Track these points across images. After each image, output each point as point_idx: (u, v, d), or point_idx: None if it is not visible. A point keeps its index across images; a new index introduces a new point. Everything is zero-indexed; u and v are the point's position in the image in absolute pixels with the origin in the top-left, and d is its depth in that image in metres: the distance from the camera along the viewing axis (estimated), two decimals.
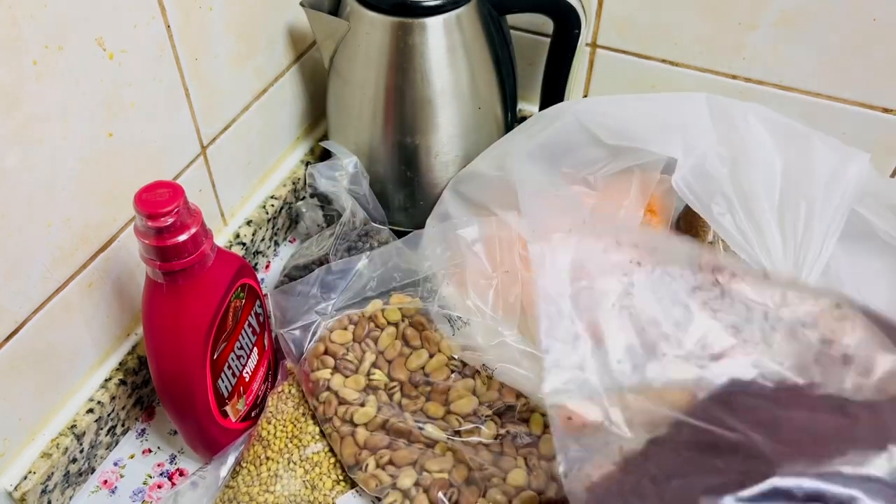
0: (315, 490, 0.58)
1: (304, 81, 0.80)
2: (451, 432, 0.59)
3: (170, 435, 0.66)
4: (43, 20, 0.48)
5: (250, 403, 0.62)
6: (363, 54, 0.69)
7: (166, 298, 0.53)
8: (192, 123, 0.65)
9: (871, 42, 0.68)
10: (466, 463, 0.57)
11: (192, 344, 0.54)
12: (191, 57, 0.62)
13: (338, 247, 0.69)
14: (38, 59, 0.49)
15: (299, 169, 0.81)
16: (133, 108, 0.58)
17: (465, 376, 0.62)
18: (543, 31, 0.80)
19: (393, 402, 0.61)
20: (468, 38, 0.69)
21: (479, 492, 0.56)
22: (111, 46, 0.54)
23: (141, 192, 0.49)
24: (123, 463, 0.64)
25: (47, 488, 0.58)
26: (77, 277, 0.57)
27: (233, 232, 0.74)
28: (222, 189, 0.72)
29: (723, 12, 0.72)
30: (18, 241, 0.51)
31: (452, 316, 0.63)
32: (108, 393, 0.62)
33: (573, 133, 0.66)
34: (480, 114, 0.73)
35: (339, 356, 0.63)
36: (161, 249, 0.50)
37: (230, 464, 0.60)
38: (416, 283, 0.66)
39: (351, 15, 0.68)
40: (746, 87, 0.75)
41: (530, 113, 0.75)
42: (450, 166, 0.74)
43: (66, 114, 0.52)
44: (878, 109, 0.71)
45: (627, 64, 0.79)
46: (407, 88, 0.69)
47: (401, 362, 0.63)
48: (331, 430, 0.60)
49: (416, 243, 0.68)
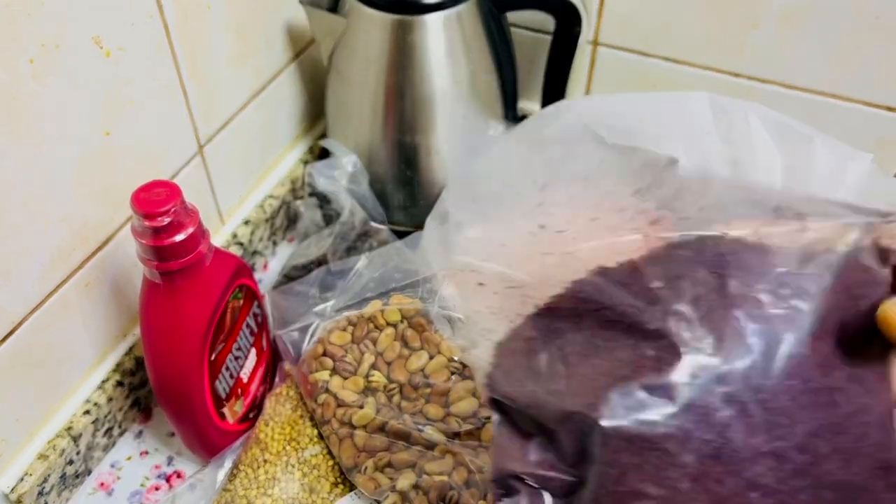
0: (313, 493, 0.57)
1: (303, 80, 0.80)
2: (450, 434, 0.59)
3: (167, 437, 0.65)
4: (40, 18, 0.48)
5: (248, 405, 0.62)
6: (362, 52, 0.69)
7: (164, 299, 0.53)
8: (189, 122, 0.65)
9: (873, 40, 0.68)
10: (466, 465, 0.57)
11: (190, 345, 0.54)
12: (189, 55, 0.62)
13: (337, 247, 0.69)
14: (35, 57, 0.48)
15: (298, 168, 0.81)
16: (130, 106, 0.57)
17: (466, 378, 0.62)
18: (544, 29, 0.79)
19: (392, 404, 0.61)
20: (468, 35, 0.68)
21: (480, 494, 0.55)
22: (108, 45, 0.54)
23: (138, 192, 0.49)
24: (120, 465, 0.64)
25: (44, 490, 0.57)
26: (74, 277, 0.57)
27: (230, 232, 0.73)
28: (220, 188, 0.71)
29: (725, 10, 0.71)
30: (15, 240, 0.51)
31: (452, 317, 0.62)
32: (105, 394, 0.61)
33: (574, 131, 0.65)
34: (481, 112, 0.72)
35: (337, 357, 0.62)
36: (158, 249, 0.49)
37: (228, 466, 0.60)
38: (416, 284, 0.66)
39: (350, 12, 0.68)
40: (749, 85, 0.75)
41: (531, 111, 0.74)
42: (450, 165, 0.73)
43: (63, 113, 0.52)
44: (882, 108, 0.71)
45: (629, 62, 0.78)
46: (407, 87, 0.68)
47: (400, 364, 0.62)
48: (329, 433, 0.60)
49: (416, 243, 0.68)
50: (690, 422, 0.29)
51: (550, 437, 0.33)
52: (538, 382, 0.34)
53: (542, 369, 0.34)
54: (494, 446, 0.34)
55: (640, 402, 0.30)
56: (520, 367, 0.34)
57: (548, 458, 0.34)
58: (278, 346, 0.65)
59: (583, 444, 0.32)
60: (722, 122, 0.62)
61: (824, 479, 0.30)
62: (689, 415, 0.29)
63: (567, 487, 0.33)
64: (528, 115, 0.73)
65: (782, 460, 0.30)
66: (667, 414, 0.29)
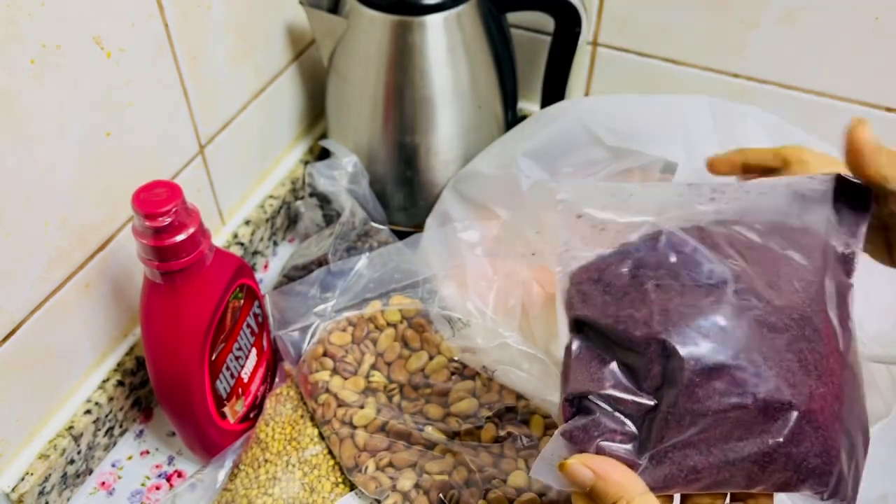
0: (314, 492, 0.57)
1: (303, 80, 0.80)
2: (451, 434, 0.59)
3: (168, 436, 0.65)
4: (41, 19, 0.48)
5: (249, 405, 0.62)
6: (362, 53, 0.69)
7: (164, 299, 0.53)
8: (190, 122, 0.65)
9: (873, 41, 0.68)
10: (466, 465, 0.57)
11: (191, 344, 0.54)
12: (189, 56, 0.62)
13: (337, 247, 0.69)
14: (36, 57, 0.48)
15: (298, 168, 0.81)
16: (131, 107, 0.57)
17: (465, 378, 0.62)
18: (544, 30, 0.79)
19: (392, 404, 0.61)
20: (468, 36, 0.68)
21: (480, 494, 0.56)
22: (109, 45, 0.54)
23: (139, 192, 0.49)
24: (121, 464, 0.64)
25: (45, 490, 0.57)
26: (75, 278, 0.57)
27: (231, 232, 0.74)
28: (220, 188, 0.71)
29: (724, 10, 0.71)
30: (15, 240, 0.51)
31: (452, 317, 0.62)
32: (106, 394, 0.61)
33: (574, 133, 0.66)
34: (480, 113, 0.73)
35: (338, 358, 0.62)
36: (159, 249, 0.49)
37: (228, 466, 0.60)
38: (415, 285, 0.66)
39: (350, 13, 0.68)
40: (748, 86, 0.75)
41: (531, 112, 0.74)
42: (450, 165, 0.73)
43: (64, 113, 0.52)
44: (881, 108, 0.71)
45: (629, 62, 0.78)
46: (407, 87, 0.68)
47: (400, 364, 0.63)
48: (330, 433, 0.60)
49: (416, 244, 0.68)
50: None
51: (629, 361, 0.36)
52: (620, 308, 0.37)
53: (623, 296, 0.37)
54: (570, 367, 0.37)
55: (718, 336, 0.35)
56: (600, 292, 0.38)
57: (624, 382, 0.36)
58: (279, 346, 0.65)
59: (663, 368, 0.35)
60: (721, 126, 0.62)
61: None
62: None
63: (644, 411, 0.36)
64: (528, 115, 0.73)
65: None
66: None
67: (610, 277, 0.38)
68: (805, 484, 0.36)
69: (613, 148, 0.64)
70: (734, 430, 0.35)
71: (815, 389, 0.35)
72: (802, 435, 0.35)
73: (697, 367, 0.34)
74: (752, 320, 0.36)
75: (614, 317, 0.37)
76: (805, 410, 0.35)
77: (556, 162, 0.67)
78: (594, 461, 0.35)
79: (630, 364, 0.37)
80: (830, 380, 0.36)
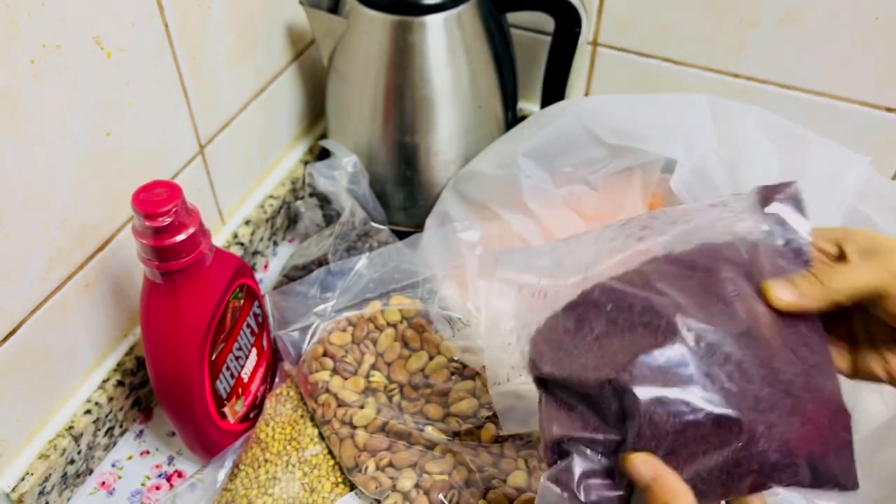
0: (314, 492, 0.57)
1: (303, 80, 0.80)
2: (451, 434, 0.59)
3: (168, 436, 0.65)
4: (40, 19, 0.48)
5: (249, 405, 0.62)
6: (363, 53, 0.69)
7: (164, 299, 0.53)
8: (190, 123, 0.65)
9: (873, 41, 0.68)
10: (467, 465, 0.57)
11: (191, 344, 0.54)
12: (189, 56, 0.62)
13: (337, 247, 0.69)
14: (36, 57, 0.48)
15: (298, 168, 0.81)
16: (131, 107, 0.57)
17: (466, 378, 0.62)
18: (544, 30, 0.79)
19: (392, 404, 0.61)
20: (468, 36, 0.68)
21: (480, 494, 0.56)
22: (109, 45, 0.54)
23: (139, 192, 0.49)
24: (121, 464, 0.64)
25: (45, 490, 0.57)
26: (74, 278, 0.57)
27: (231, 232, 0.74)
28: (220, 188, 0.71)
29: (724, 10, 0.71)
30: (15, 240, 0.51)
31: (452, 317, 0.62)
32: (106, 394, 0.61)
33: (574, 132, 0.66)
34: (480, 113, 0.73)
35: (338, 358, 0.62)
36: (159, 249, 0.49)
37: (228, 466, 0.60)
38: (416, 285, 0.66)
39: (350, 13, 0.68)
40: (748, 86, 0.75)
41: (531, 112, 0.74)
42: (450, 165, 0.73)
43: (64, 113, 0.52)
44: (881, 109, 0.71)
45: (628, 62, 0.78)
46: (407, 87, 0.68)
47: (400, 364, 0.62)
48: (330, 433, 0.60)
49: (416, 244, 0.68)
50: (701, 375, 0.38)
51: (591, 404, 0.40)
52: (573, 361, 0.41)
53: (573, 349, 0.41)
54: (542, 419, 0.42)
55: (661, 367, 0.38)
56: (554, 350, 0.42)
57: (591, 422, 0.40)
58: (279, 346, 0.65)
59: (620, 404, 0.38)
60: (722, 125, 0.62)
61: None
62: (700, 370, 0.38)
63: (613, 446, 0.39)
64: (528, 115, 0.73)
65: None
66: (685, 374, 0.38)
67: (559, 336, 0.42)
68: (773, 479, 0.38)
69: (613, 146, 0.64)
70: (697, 445, 0.37)
71: (759, 392, 0.38)
72: (757, 436, 0.37)
73: (648, 397, 0.37)
74: (691, 344, 0.39)
75: (569, 369, 0.41)
76: (752, 419, 0.37)
77: (556, 161, 0.67)
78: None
79: (594, 406, 0.40)
80: (775, 378, 0.38)
